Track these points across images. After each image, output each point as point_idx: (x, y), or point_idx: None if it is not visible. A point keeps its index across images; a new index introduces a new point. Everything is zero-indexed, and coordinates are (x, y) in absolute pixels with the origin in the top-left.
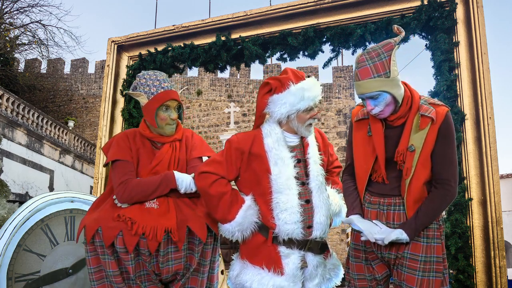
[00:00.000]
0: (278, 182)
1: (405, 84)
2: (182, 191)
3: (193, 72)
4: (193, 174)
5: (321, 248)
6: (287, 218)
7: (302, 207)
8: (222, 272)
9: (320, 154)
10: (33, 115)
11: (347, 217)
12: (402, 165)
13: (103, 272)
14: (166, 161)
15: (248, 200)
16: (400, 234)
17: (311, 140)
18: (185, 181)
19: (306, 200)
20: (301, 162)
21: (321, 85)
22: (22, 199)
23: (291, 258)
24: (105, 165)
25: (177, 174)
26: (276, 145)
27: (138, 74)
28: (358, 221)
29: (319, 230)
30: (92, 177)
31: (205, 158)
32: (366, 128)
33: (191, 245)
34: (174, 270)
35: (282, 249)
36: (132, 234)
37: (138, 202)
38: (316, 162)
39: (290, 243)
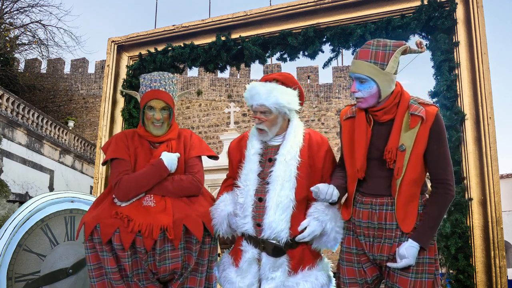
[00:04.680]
0: (241, 177)
1: (398, 83)
2: (172, 171)
3: (193, 72)
4: (178, 154)
5: (274, 251)
6: (240, 212)
7: (254, 204)
8: None
9: (299, 157)
10: (33, 115)
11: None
12: (392, 164)
13: (102, 269)
14: None
15: (224, 195)
16: (414, 249)
17: (289, 140)
18: (171, 162)
19: (259, 198)
20: (272, 161)
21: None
22: (22, 199)
23: (247, 253)
24: (104, 163)
25: (164, 159)
26: (251, 142)
27: (141, 75)
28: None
29: (269, 230)
30: (92, 177)
31: (204, 157)
32: (353, 126)
33: (188, 245)
34: (171, 269)
35: (244, 243)
36: (128, 232)
37: (136, 197)
38: (285, 162)
39: (248, 238)
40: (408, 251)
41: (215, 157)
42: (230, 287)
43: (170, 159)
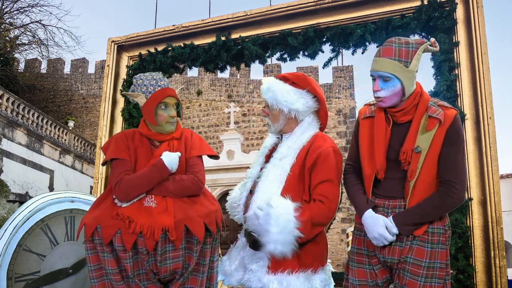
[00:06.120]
0: (249, 168)
1: (418, 83)
2: (173, 171)
3: (193, 72)
4: (179, 153)
5: (253, 244)
6: (238, 201)
7: (248, 195)
8: None
9: (296, 158)
10: (33, 115)
11: (362, 213)
12: (407, 166)
13: (103, 270)
14: None
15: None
16: (387, 222)
17: (291, 140)
18: (172, 162)
19: (251, 190)
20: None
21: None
22: (22, 199)
23: (239, 241)
24: (103, 163)
25: (165, 159)
26: (267, 137)
27: (135, 76)
28: (366, 220)
29: (250, 222)
30: (92, 177)
31: (204, 157)
32: (372, 126)
33: (189, 245)
34: (172, 269)
35: (241, 232)
36: (129, 233)
37: (137, 197)
38: (278, 160)
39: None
40: (383, 223)
41: (215, 157)
42: (220, 268)
43: (170, 158)
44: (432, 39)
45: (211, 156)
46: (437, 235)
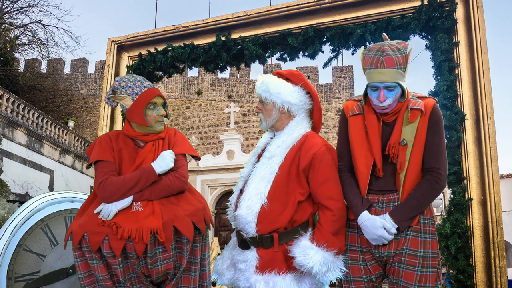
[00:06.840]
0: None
1: None
2: (164, 170)
3: (193, 72)
4: (172, 156)
5: (242, 243)
6: (230, 200)
7: (238, 194)
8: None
9: (285, 157)
10: (33, 115)
11: (358, 215)
12: (395, 159)
13: (93, 277)
14: (149, 160)
15: None
16: (384, 221)
17: (280, 138)
18: (161, 165)
19: (241, 189)
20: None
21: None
22: (22, 199)
23: (231, 240)
24: (88, 166)
25: (155, 164)
26: (262, 137)
27: (117, 79)
28: (364, 223)
29: (238, 221)
30: (92, 177)
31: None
32: (363, 123)
33: (179, 245)
34: (164, 270)
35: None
36: (117, 239)
37: (119, 200)
38: (267, 159)
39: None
40: (381, 224)
41: (197, 158)
42: (214, 265)
43: (161, 163)
44: (384, 34)
45: (193, 157)
46: (428, 225)
